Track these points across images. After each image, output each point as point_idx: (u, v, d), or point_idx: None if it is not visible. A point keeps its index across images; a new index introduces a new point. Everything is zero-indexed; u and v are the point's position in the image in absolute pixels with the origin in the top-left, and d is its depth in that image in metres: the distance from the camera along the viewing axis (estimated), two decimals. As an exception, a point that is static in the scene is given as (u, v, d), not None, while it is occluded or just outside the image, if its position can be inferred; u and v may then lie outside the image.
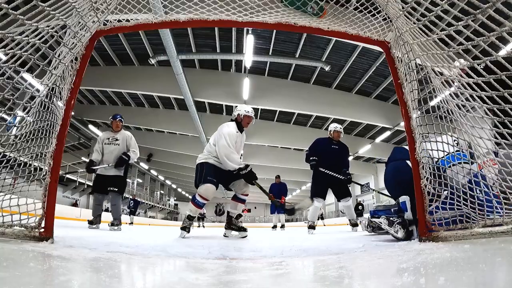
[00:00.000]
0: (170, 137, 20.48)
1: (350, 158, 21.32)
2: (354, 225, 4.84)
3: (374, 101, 14.46)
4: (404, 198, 1.87)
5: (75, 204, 16.56)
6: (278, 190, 7.61)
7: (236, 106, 3.25)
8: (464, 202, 1.49)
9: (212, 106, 16.29)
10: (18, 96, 1.36)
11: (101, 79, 12.78)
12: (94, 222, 4.18)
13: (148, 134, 20.26)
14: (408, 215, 1.84)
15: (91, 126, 17.29)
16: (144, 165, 26.29)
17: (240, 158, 3.01)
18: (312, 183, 4.88)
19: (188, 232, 2.86)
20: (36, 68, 1.55)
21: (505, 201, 1.41)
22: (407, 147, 1.77)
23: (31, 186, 1.69)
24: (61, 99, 1.71)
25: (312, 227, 4.65)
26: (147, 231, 5.05)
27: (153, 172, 29.59)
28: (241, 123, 3.09)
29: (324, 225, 15.46)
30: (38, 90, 1.55)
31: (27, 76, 1.76)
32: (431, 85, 1.67)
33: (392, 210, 2.34)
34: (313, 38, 10.53)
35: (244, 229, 3.09)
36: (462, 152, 1.63)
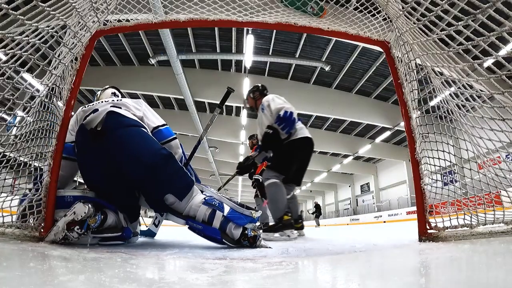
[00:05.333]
0: (170, 137, 20.47)
1: (350, 158, 21.42)
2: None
3: (374, 101, 14.48)
4: None
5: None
6: None
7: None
8: None
9: (212, 106, 16.29)
10: (18, 96, 1.36)
11: (101, 79, 12.77)
12: None
13: (148, 134, 20.27)
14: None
15: (91, 126, 17.26)
16: (144, 165, 26.23)
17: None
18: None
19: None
20: (36, 68, 1.55)
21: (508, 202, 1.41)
22: None
23: (30, 186, 1.70)
24: (61, 99, 1.71)
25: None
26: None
27: (153, 172, 29.56)
28: None
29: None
30: (38, 90, 1.55)
31: (27, 76, 1.76)
32: (431, 85, 1.67)
33: None
34: (313, 38, 10.54)
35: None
36: None
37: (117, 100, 1.85)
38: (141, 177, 1.62)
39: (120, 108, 1.77)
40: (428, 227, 1.55)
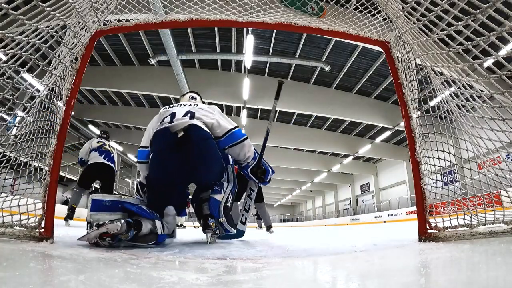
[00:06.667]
0: (170, 137, 20.45)
1: (350, 158, 21.43)
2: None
3: (374, 101, 14.47)
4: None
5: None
6: None
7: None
8: None
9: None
10: (18, 96, 1.36)
11: (101, 79, 12.77)
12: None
13: (148, 134, 20.26)
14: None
15: (91, 126, 17.29)
16: (144, 165, 26.19)
17: None
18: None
19: None
20: (36, 68, 1.55)
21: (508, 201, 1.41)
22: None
23: (31, 186, 1.70)
24: (61, 99, 1.71)
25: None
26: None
27: (153, 172, 29.44)
28: None
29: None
30: (38, 90, 1.55)
31: (27, 76, 1.77)
32: (431, 85, 1.67)
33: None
34: (313, 38, 10.53)
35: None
36: None
37: (193, 106, 2.11)
38: (208, 178, 1.95)
39: (195, 114, 2.04)
40: (428, 227, 1.55)
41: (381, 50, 1.95)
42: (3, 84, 1.31)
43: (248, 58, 10.78)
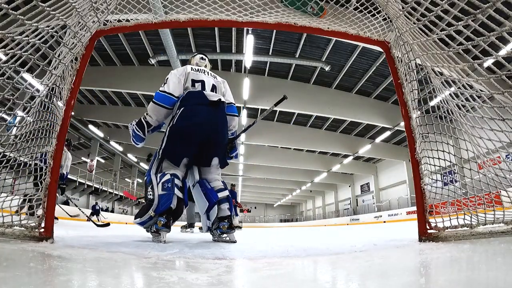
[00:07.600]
0: (170, 137, 20.43)
1: (350, 158, 21.47)
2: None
3: (374, 101, 14.48)
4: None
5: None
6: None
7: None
8: None
9: (212, 106, 16.25)
10: (18, 96, 1.36)
11: (101, 79, 12.78)
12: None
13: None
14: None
15: (91, 126, 17.29)
16: (144, 165, 26.28)
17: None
18: None
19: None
20: (36, 68, 1.55)
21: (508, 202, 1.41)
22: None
23: (30, 186, 1.70)
24: (61, 99, 1.71)
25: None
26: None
27: (153, 172, 29.42)
28: None
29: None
30: (38, 90, 1.55)
31: (27, 76, 1.77)
32: (431, 85, 1.67)
33: None
34: (313, 38, 10.54)
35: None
36: None
37: (212, 76, 2.51)
38: (215, 142, 2.29)
39: (216, 88, 2.48)
40: (428, 227, 1.55)
41: (381, 50, 1.95)
42: (3, 84, 1.31)
43: (248, 58, 10.79)
